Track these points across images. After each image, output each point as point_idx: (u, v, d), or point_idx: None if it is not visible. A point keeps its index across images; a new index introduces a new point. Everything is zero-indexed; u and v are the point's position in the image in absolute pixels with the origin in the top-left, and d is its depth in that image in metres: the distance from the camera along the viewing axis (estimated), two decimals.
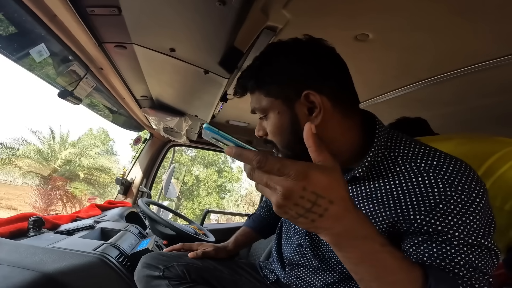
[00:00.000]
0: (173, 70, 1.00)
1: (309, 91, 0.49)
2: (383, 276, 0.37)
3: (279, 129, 0.53)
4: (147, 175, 1.98)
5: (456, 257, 0.42)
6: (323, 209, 0.32)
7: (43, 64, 1.09)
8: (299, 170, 0.31)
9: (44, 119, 23.67)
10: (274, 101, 0.52)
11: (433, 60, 0.78)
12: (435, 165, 0.47)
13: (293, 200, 0.32)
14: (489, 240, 0.44)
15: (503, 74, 0.77)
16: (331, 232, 0.35)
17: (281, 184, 0.32)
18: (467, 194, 0.43)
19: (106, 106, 1.63)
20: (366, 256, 0.36)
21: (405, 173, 0.49)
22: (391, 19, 0.64)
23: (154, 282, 0.71)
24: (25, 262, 0.74)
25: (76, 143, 12.63)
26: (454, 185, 0.44)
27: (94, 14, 0.73)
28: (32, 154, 11.01)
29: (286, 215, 0.33)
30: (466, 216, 0.43)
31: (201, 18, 0.67)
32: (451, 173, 0.45)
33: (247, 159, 0.33)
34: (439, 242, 0.44)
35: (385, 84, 0.95)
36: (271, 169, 0.32)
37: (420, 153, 0.50)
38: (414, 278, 0.39)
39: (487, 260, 0.43)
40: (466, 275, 0.41)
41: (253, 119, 1.67)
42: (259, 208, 1.02)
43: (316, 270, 0.67)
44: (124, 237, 1.08)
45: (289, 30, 0.70)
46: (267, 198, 0.34)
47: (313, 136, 0.35)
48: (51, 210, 10.72)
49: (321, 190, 0.32)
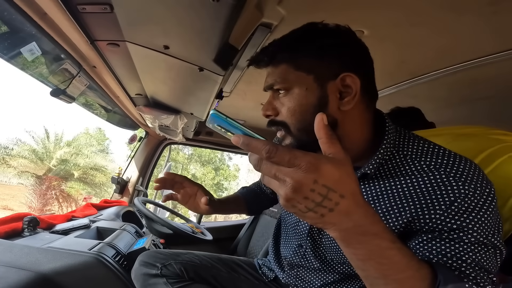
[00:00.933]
0: (167, 67, 0.99)
1: (349, 73, 0.48)
2: (391, 273, 0.36)
3: (302, 107, 0.49)
4: (143, 173, 1.97)
5: (464, 255, 0.42)
6: (333, 203, 0.31)
7: (35, 63, 1.07)
8: (310, 162, 0.30)
9: (38, 118, 23.39)
10: (305, 76, 0.49)
11: (428, 57, 0.78)
12: (445, 164, 0.47)
13: (303, 193, 0.30)
14: (497, 238, 0.44)
15: (496, 70, 0.78)
16: (339, 227, 0.33)
17: (291, 176, 0.30)
18: (480, 192, 0.43)
19: (100, 105, 1.62)
20: (374, 252, 0.35)
21: (415, 171, 0.48)
22: (386, 16, 0.64)
23: (152, 281, 0.71)
24: (20, 262, 0.73)
25: (71, 143, 12.49)
26: (467, 183, 0.44)
27: (85, 12, 0.72)
28: (26, 153, 10.87)
29: (294, 209, 0.32)
30: (481, 214, 0.43)
31: (195, 15, 0.67)
32: (462, 172, 0.45)
33: (256, 149, 0.32)
34: (448, 240, 0.43)
35: (380, 80, 0.95)
36: (281, 160, 0.31)
37: (429, 152, 0.50)
38: (423, 276, 0.38)
39: (492, 259, 0.43)
40: (472, 273, 0.41)
41: (250, 116, 1.66)
42: (252, 184, 0.99)
43: (316, 271, 0.66)
44: (121, 236, 1.08)
45: (284, 27, 0.70)
46: (275, 190, 0.33)
47: (325, 127, 0.34)
48: (47, 210, 10.63)
49: (333, 183, 0.31)
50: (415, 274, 0.37)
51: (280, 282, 0.76)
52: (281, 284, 0.76)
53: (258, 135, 0.35)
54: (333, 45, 0.49)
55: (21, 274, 0.69)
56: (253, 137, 0.34)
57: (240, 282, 0.78)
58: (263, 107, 0.53)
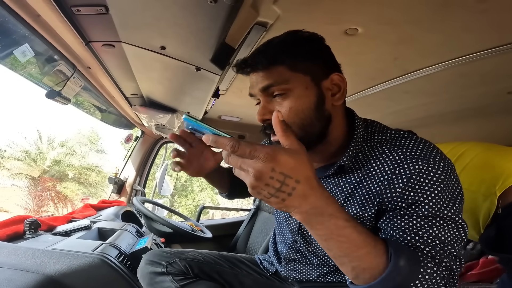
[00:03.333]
0: (164, 67, 0.99)
1: (337, 73, 0.55)
2: (352, 251, 0.39)
3: (305, 104, 0.52)
4: (140, 173, 1.96)
5: (420, 230, 0.44)
6: (291, 188, 0.35)
7: (28, 64, 1.06)
8: (268, 153, 0.34)
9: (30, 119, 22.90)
10: (302, 77, 0.53)
11: (420, 53, 0.80)
12: (403, 145, 0.51)
13: (263, 180, 0.35)
14: (455, 212, 0.45)
15: (486, 66, 0.80)
16: (300, 210, 0.38)
17: (253, 166, 0.35)
18: (433, 166, 0.46)
19: (96, 105, 1.60)
20: (333, 232, 0.39)
21: (379, 157, 0.52)
22: (379, 14, 0.66)
23: (158, 279, 0.73)
24: (26, 264, 0.74)
25: (64, 143, 12.31)
26: (420, 159, 0.47)
27: (80, 14, 0.71)
28: (19, 155, 10.70)
29: (259, 195, 0.36)
30: (434, 187, 0.45)
31: (192, 16, 0.67)
32: (417, 150, 0.49)
33: (222, 145, 0.37)
34: (406, 216, 0.46)
35: (374, 77, 0.97)
36: (243, 153, 0.35)
37: (391, 138, 0.54)
38: (380, 252, 0.40)
39: (452, 234, 0.44)
40: (427, 247, 0.43)
41: (245, 114, 1.67)
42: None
43: (312, 265, 0.69)
44: (122, 236, 1.09)
45: (280, 26, 0.71)
46: (243, 180, 0.37)
47: (280, 123, 0.40)
48: (43, 211, 10.52)
49: (288, 170, 0.35)
50: (372, 250, 0.40)
51: (280, 276, 0.79)
52: (281, 277, 0.78)
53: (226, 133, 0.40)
54: (320, 49, 0.56)
55: (28, 276, 0.69)
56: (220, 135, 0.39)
57: (243, 277, 0.80)
58: (259, 112, 0.55)
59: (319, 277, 0.69)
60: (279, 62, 0.53)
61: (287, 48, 0.54)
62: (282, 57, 0.53)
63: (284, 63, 0.52)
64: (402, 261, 0.39)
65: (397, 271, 0.39)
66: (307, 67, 0.53)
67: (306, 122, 0.53)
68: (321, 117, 0.54)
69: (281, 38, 0.55)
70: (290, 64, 0.52)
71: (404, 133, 0.55)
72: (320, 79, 0.54)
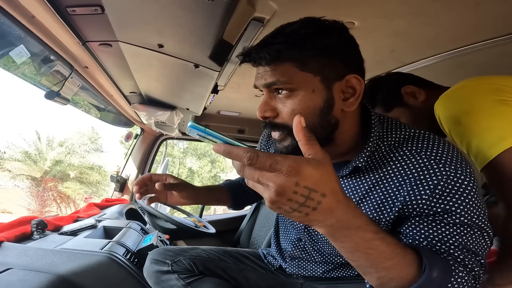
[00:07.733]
0: (162, 65, 0.98)
1: (354, 75, 0.48)
2: (379, 262, 0.38)
3: (308, 109, 0.47)
4: (141, 170, 1.97)
5: (450, 239, 0.43)
6: (316, 203, 0.33)
7: (24, 66, 1.06)
8: (291, 166, 0.31)
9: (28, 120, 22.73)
10: (312, 77, 0.47)
11: (417, 45, 0.80)
12: (426, 148, 0.48)
13: (286, 196, 0.32)
14: (482, 220, 0.44)
15: (480, 57, 0.81)
16: (324, 224, 0.35)
17: (274, 181, 0.31)
18: (462, 173, 0.44)
19: (94, 104, 1.60)
20: (360, 244, 0.37)
21: (399, 158, 0.49)
22: (376, 7, 0.66)
23: (164, 277, 0.73)
24: (37, 265, 0.75)
25: (63, 143, 12.28)
26: (447, 165, 0.45)
27: (75, 14, 0.71)
28: (19, 156, 10.69)
29: (279, 210, 0.33)
30: (464, 195, 0.44)
31: (189, 14, 0.67)
32: (442, 154, 0.46)
33: (237, 157, 0.32)
34: (434, 224, 0.44)
35: (371, 69, 0.97)
36: (262, 166, 0.31)
37: (411, 138, 0.51)
38: (409, 262, 0.39)
39: (479, 241, 0.44)
40: (460, 256, 0.42)
41: (244, 108, 1.67)
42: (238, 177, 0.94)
43: (317, 262, 0.70)
44: (127, 234, 1.10)
45: (276, 21, 0.71)
46: (260, 194, 0.34)
47: (303, 130, 0.35)
48: (46, 211, 10.57)
49: (314, 184, 0.32)
50: (401, 261, 0.39)
51: (285, 270, 0.79)
52: (286, 272, 0.79)
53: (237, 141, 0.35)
54: (339, 43, 0.48)
55: (40, 276, 0.70)
56: (233, 144, 0.34)
57: (247, 272, 0.80)
58: (260, 108, 0.50)
59: (324, 273, 0.69)
60: (286, 58, 0.47)
61: (299, 41, 0.47)
62: (290, 52, 0.47)
63: (292, 60, 0.47)
64: (435, 272, 0.39)
65: (430, 282, 0.38)
66: (320, 66, 0.47)
67: (308, 127, 0.49)
68: (326, 124, 0.49)
69: (293, 28, 0.48)
70: (298, 61, 0.47)
71: (424, 133, 0.51)
72: (332, 80, 0.47)
